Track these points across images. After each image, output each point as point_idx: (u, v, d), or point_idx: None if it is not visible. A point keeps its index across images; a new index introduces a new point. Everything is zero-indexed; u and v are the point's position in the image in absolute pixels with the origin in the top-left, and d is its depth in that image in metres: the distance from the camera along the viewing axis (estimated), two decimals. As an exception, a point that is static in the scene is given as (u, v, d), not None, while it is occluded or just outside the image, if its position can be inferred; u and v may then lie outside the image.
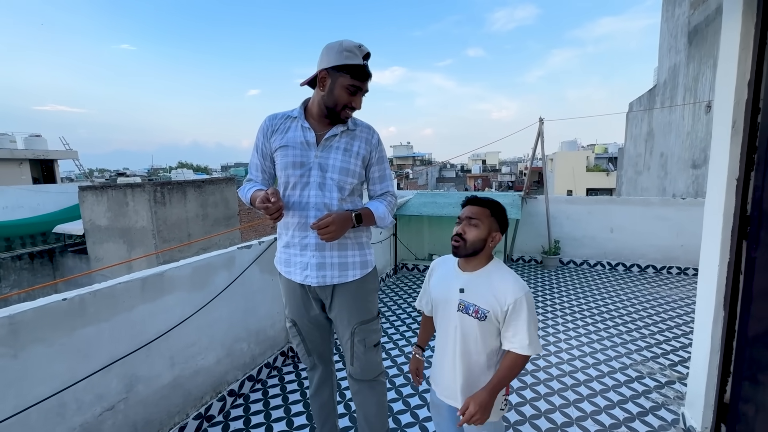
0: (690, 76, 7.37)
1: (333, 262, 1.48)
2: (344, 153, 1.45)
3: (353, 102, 1.41)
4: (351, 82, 1.37)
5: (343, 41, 1.37)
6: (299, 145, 1.45)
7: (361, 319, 1.53)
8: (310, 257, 1.48)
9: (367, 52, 1.39)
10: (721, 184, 1.73)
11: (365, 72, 1.39)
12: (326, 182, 1.44)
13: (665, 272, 4.75)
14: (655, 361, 2.77)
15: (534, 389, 2.45)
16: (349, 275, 1.50)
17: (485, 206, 1.27)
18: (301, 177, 1.44)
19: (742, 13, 1.60)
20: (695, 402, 1.93)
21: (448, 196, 5.72)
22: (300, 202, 1.46)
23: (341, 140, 1.46)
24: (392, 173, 1.64)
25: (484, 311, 1.20)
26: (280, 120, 1.50)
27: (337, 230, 1.37)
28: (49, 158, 17.22)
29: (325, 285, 1.49)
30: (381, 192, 1.57)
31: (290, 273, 1.54)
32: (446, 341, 1.30)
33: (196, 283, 2.10)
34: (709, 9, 6.63)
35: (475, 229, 1.23)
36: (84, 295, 1.57)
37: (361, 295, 1.53)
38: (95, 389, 1.61)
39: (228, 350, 2.32)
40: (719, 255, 1.75)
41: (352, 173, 1.47)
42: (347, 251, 1.50)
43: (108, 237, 10.07)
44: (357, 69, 1.36)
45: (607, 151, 29.47)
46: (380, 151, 1.55)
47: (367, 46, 1.40)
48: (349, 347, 1.55)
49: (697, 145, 6.78)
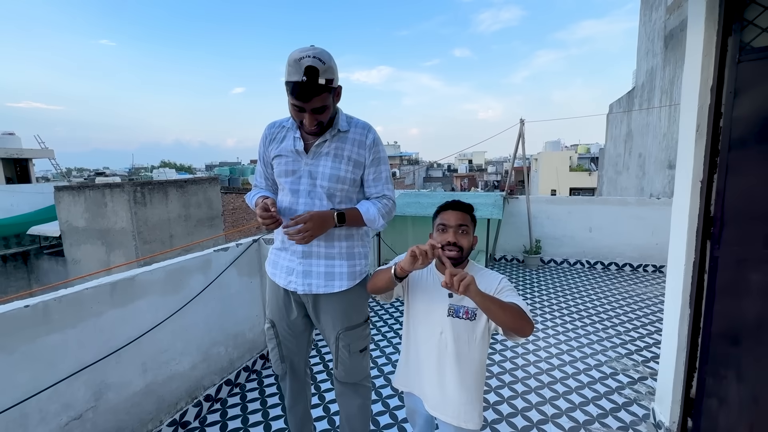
0: (666, 79, 7.58)
1: (319, 271, 1.46)
2: (334, 159, 1.40)
3: (304, 120, 1.30)
4: (292, 101, 1.27)
5: (293, 52, 1.23)
6: (291, 154, 1.43)
7: (346, 325, 1.51)
8: (297, 264, 1.47)
9: (309, 66, 1.18)
10: (686, 186, 1.79)
11: (302, 92, 1.21)
12: (315, 190, 1.42)
13: (641, 270, 4.88)
14: (629, 357, 2.84)
15: (512, 387, 2.49)
16: (335, 285, 1.47)
17: (469, 212, 1.26)
18: (292, 185, 1.44)
19: (704, 21, 1.65)
20: (664, 398, 1.98)
21: (432, 196, 5.76)
22: (290, 209, 1.46)
23: (330, 145, 1.40)
24: (391, 176, 1.52)
25: (473, 310, 1.22)
26: (277, 129, 1.49)
27: (314, 230, 1.33)
28: (24, 157, 16.64)
29: (309, 293, 1.48)
30: (376, 195, 1.50)
31: (275, 275, 1.54)
32: (429, 349, 1.28)
33: (170, 287, 2.05)
34: (683, 14, 6.83)
35: (467, 236, 1.23)
36: (48, 301, 1.52)
37: (346, 304, 1.51)
38: (61, 398, 1.56)
39: (204, 354, 2.28)
40: (685, 254, 1.80)
41: (343, 179, 1.41)
42: (334, 260, 1.47)
43: (86, 238, 9.79)
44: (293, 87, 1.22)
45: (590, 151, 30.09)
46: (376, 153, 1.46)
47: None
48: (335, 351, 1.54)
49: (673, 146, 6.98)
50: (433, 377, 1.28)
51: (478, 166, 51.90)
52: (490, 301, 1.09)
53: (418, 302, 1.32)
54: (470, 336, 1.24)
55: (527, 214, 5.27)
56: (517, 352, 2.92)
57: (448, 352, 1.25)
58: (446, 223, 1.23)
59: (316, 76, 1.20)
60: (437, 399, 1.28)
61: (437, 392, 1.28)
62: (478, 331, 1.24)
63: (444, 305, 1.25)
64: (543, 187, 25.30)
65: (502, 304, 1.11)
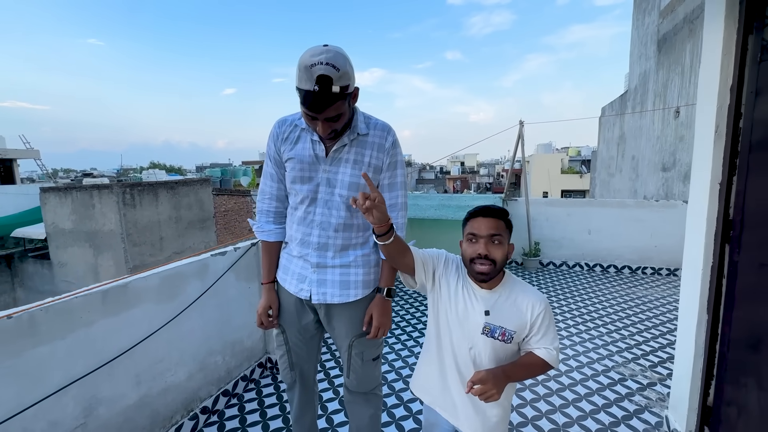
0: (659, 82, 7.65)
1: (334, 280, 1.38)
2: (354, 165, 1.31)
3: (316, 128, 1.21)
4: (304, 110, 1.16)
5: (305, 54, 1.11)
6: (308, 158, 1.32)
7: (359, 333, 1.43)
8: (310, 272, 1.39)
9: (321, 75, 1.06)
10: (704, 189, 1.74)
11: (315, 102, 1.11)
12: (333, 199, 1.33)
13: (640, 272, 4.88)
14: (636, 362, 2.80)
15: (519, 395, 2.42)
16: (351, 295, 1.39)
17: (503, 217, 1.12)
18: (308, 192, 1.33)
19: (724, 19, 1.61)
20: (679, 405, 1.93)
21: (430, 198, 5.69)
22: (305, 219, 1.36)
23: (351, 151, 1.31)
24: (406, 181, 1.42)
25: (510, 333, 1.12)
26: (290, 127, 1.36)
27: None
28: (7, 157, 16.20)
29: (323, 303, 1.40)
30: (389, 203, 1.36)
31: (285, 281, 1.45)
32: (462, 362, 1.19)
33: (165, 294, 1.94)
34: (677, 18, 6.90)
35: (500, 247, 1.09)
36: (34, 311, 1.40)
37: (361, 312, 1.42)
38: (48, 415, 1.44)
39: (201, 364, 2.17)
40: (702, 259, 1.75)
41: (363, 188, 1.30)
42: (350, 269, 1.39)
43: (73, 241, 9.53)
44: (305, 96, 1.12)
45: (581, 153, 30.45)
46: (393, 156, 1.36)
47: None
48: (347, 359, 1.46)
49: (667, 148, 7.04)
50: (456, 389, 1.21)
51: (470, 168, 52.16)
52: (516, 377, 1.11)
53: (447, 310, 1.22)
54: (506, 355, 1.16)
55: (526, 217, 5.24)
56: (558, 370, 2.86)
57: (471, 367, 1.17)
58: (476, 232, 1.11)
59: (329, 86, 1.09)
60: (470, 413, 1.20)
61: (470, 407, 1.19)
62: (508, 353, 1.17)
63: (479, 322, 1.15)
64: (535, 189, 25.50)
65: (528, 370, 1.13)
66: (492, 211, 1.12)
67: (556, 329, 1.18)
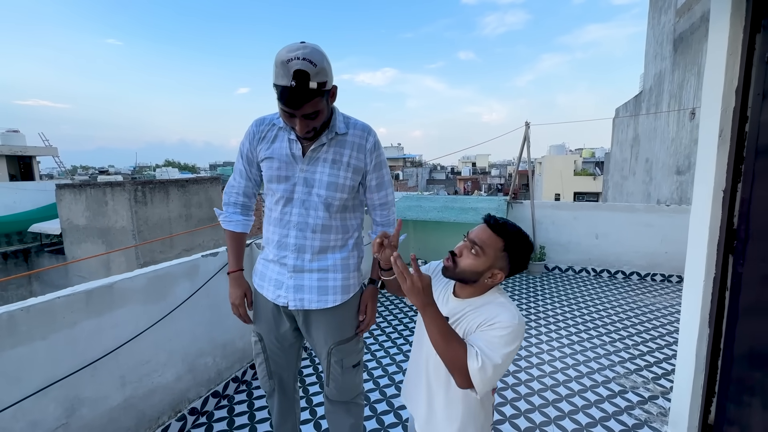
0: (675, 83, 7.42)
1: (312, 285, 1.35)
2: (332, 165, 1.29)
3: (294, 126, 1.18)
4: (281, 106, 1.14)
5: (281, 50, 1.09)
6: (285, 158, 1.30)
7: (338, 339, 1.40)
8: (287, 277, 1.36)
9: (298, 70, 1.04)
10: (707, 196, 1.65)
11: (291, 98, 1.08)
12: (311, 199, 1.31)
13: (649, 279, 4.73)
14: (639, 374, 2.70)
15: (513, 404, 2.35)
16: (329, 300, 1.36)
17: (501, 235, 1.02)
18: (285, 192, 1.31)
19: (730, 17, 1.52)
20: (679, 422, 1.84)
21: (434, 200, 5.63)
22: (281, 219, 1.35)
23: (329, 150, 1.29)
24: (392, 179, 1.45)
25: None
26: (267, 126, 1.35)
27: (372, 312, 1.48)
28: (27, 154, 16.70)
29: (301, 309, 1.38)
30: (380, 202, 1.43)
31: (262, 287, 1.43)
32: (422, 362, 1.16)
33: (153, 295, 1.94)
34: (694, 17, 6.68)
35: (474, 257, 1.02)
36: (14, 311, 1.41)
37: (339, 318, 1.40)
38: (27, 416, 1.45)
39: (190, 365, 2.16)
40: (704, 270, 1.67)
41: (342, 187, 1.30)
42: (328, 273, 1.37)
43: (86, 237, 9.75)
44: (282, 92, 1.09)
45: (594, 155, 29.83)
46: (377, 157, 1.35)
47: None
48: (326, 367, 1.43)
49: (682, 151, 6.82)
50: (421, 393, 1.16)
51: (481, 168, 51.70)
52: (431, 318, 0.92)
53: None
54: None
55: (531, 220, 5.13)
56: (520, 366, 2.79)
57: (430, 373, 1.12)
58: (469, 234, 1.07)
59: (306, 81, 1.07)
60: (423, 419, 1.16)
61: (424, 412, 1.15)
62: None
63: None
64: (547, 191, 25.09)
65: (445, 331, 0.92)
66: (494, 225, 1.03)
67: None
